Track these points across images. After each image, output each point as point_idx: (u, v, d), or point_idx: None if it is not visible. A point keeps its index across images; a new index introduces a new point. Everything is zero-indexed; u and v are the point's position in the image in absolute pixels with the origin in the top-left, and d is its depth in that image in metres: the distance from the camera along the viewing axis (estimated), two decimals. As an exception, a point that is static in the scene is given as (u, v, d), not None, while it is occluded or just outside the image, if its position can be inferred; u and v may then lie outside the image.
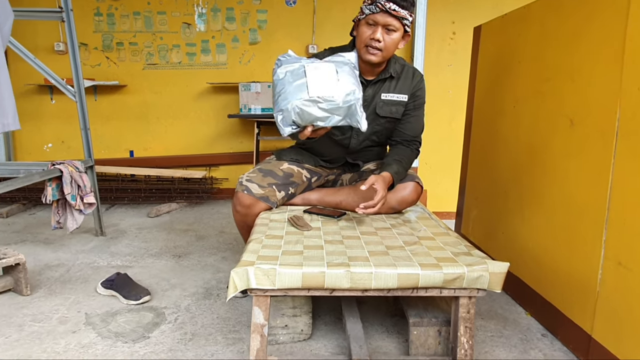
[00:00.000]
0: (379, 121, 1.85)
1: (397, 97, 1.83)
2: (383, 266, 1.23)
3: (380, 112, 1.83)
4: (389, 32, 1.66)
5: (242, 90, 3.52)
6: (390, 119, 1.86)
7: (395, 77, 1.83)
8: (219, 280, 2.17)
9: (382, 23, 1.64)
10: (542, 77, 1.74)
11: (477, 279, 1.23)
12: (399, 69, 1.84)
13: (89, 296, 1.98)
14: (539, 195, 1.74)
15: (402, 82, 1.84)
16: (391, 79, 1.83)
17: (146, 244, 2.72)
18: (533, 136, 1.79)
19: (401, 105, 1.85)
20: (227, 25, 3.78)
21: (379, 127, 1.87)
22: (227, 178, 3.96)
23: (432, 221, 1.71)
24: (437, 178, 3.79)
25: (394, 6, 1.60)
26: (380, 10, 1.61)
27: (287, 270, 1.22)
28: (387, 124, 1.87)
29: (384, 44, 1.67)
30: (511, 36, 2.01)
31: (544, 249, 1.70)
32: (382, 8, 1.61)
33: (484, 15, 3.54)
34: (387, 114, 1.84)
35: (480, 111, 2.35)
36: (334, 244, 1.42)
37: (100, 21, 3.75)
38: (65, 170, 2.31)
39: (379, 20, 1.64)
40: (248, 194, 1.74)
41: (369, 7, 1.64)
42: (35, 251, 2.56)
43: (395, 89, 1.84)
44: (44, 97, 3.85)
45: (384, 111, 1.83)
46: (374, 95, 1.82)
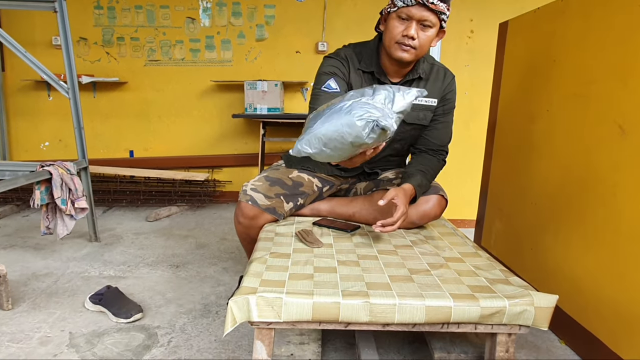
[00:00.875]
0: (404, 128, 1.64)
1: (425, 101, 1.63)
2: (408, 297, 1.05)
3: (407, 119, 1.61)
4: (425, 28, 1.44)
5: (247, 89, 3.34)
6: (416, 126, 1.66)
7: (424, 78, 1.63)
8: (219, 295, 1.99)
9: (417, 18, 1.41)
10: (584, 79, 1.54)
11: (520, 314, 1.04)
12: (427, 68, 1.64)
13: (76, 312, 1.80)
14: (579, 211, 1.54)
15: (432, 84, 1.64)
16: (419, 81, 1.63)
17: (142, 251, 2.55)
18: (572, 145, 1.59)
19: (430, 111, 1.66)
20: (233, 20, 3.60)
21: (403, 134, 1.66)
22: (230, 181, 3.77)
23: (457, 237, 1.52)
24: (453, 183, 3.57)
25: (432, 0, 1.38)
26: (417, 2, 1.39)
27: (295, 299, 1.04)
28: (413, 131, 1.68)
29: (418, 41, 1.45)
30: (545, 32, 1.81)
31: (584, 271, 1.50)
32: (418, 0, 1.38)
33: (504, 12, 3.34)
34: (414, 120, 1.64)
35: (506, 114, 2.15)
36: (349, 266, 1.23)
37: (101, 15, 3.58)
38: (55, 173, 2.14)
39: (414, 14, 1.41)
40: (253, 204, 1.56)
41: (400, 0, 1.41)
42: (24, 258, 2.39)
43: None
44: (41, 93, 3.68)
45: (410, 117, 1.62)
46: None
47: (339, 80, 1.56)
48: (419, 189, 1.53)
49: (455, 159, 3.60)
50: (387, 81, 1.60)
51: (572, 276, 1.57)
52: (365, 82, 1.60)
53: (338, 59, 1.61)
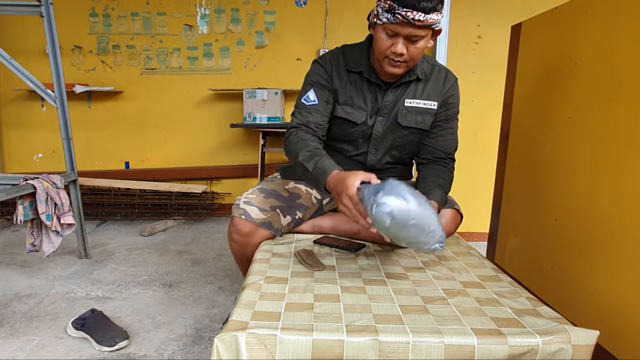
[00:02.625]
0: (401, 132, 1.52)
1: (424, 103, 1.50)
2: (424, 333, 0.90)
3: (403, 122, 1.50)
4: (415, 42, 1.31)
5: (246, 98, 3.21)
6: (414, 130, 1.52)
7: (422, 79, 1.49)
8: (213, 318, 1.84)
9: (404, 34, 1.28)
10: (611, 82, 1.40)
11: (555, 354, 0.89)
12: (427, 69, 1.51)
13: (57, 338, 1.66)
14: (609, 227, 1.39)
15: (432, 86, 1.51)
16: (417, 82, 1.49)
17: (134, 269, 2.41)
18: (602, 154, 1.44)
19: (429, 114, 1.52)
20: (231, 27, 3.49)
21: (400, 139, 1.53)
22: (229, 193, 3.64)
23: (473, 258, 1.38)
24: (460, 194, 3.43)
25: (418, 15, 1.22)
26: (401, 21, 1.25)
27: (292, 336, 0.89)
28: (411, 136, 1.54)
29: (407, 55, 1.33)
30: (564, 33, 1.68)
31: (619, 295, 1.35)
32: (402, 19, 1.24)
33: (513, 16, 3.22)
34: (411, 124, 1.51)
35: (521, 122, 2.01)
36: (355, 294, 1.08)
37: (96, 22, 3.48)
38: (40, 186, 2.01)
39: (399, 31, 1.28)
40: (246, 219, 1.42)
41: (386, 14, 1.26)
42: (9, 276, 2.26)
43: (422, 94, 1.50)
44: (35, 103, 3.57)
45: (407, 120, 1.50)
46: (396, 101, 1.49)
47: (320, 90, 1.49)
48: (442, 206, 1.40)
49: (463, 169, 3.45)
50: (377, 81, 1.47)
51: (601, 300, 1.41)
52: (352, 82, 1.49)
53: (322, 63, 1.51)
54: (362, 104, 1.49)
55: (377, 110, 1.50)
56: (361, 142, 1.54)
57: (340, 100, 1.50)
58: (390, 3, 1.24)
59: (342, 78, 1.49)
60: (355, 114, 1.50)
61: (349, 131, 1.52)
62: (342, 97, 1.50)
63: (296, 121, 1.49)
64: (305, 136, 1.43)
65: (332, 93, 1.50)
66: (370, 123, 1.50)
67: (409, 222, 1.03)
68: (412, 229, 1.04)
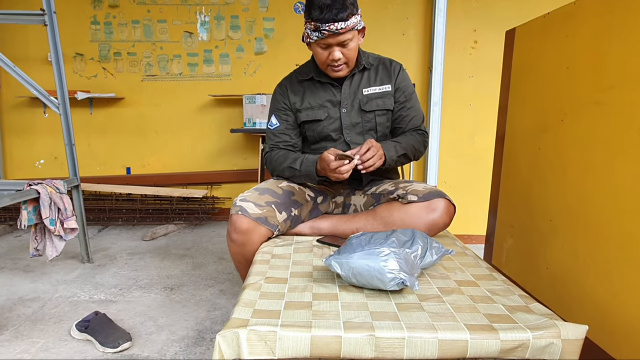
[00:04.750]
0: (368, 117, 1.68)
1: (379, 88, 1.68)
2: (419, 329, 0.93)
3: (367, 108, 1.67)
4: (346, 45, 1.51)
5: (246, 103, 3.26)
6: (379, 112, 1.69)
7: (370, 68, 1.69)
8: (214, 320, 1.87)
9: (335, 43, 1.50)
10: (601, 85, 1.44)
11: (545, 348, 0.92)
12: (373, 60, 1.71)
13: (61, 340, 1.69)
14: (601, 227, 1.42)
15: (382, 73, 1.70)
16: (367, 71, 1.68)
17: (136, 272, 2.44)
18: (590, 155, 1.48)
19: (387, 96, 1.69)
20: (231, 34, 3.53)
21: (369, 123, 1.69)
22: (229, 197, 3.68)
23: (468, 257, 1.41)
24: (459, 197, 3.46)
25: (339, 25, 1.44)
26: (328, 34, 1.46)
27: (291, 333, 0.92)
28: (378, 118, 1.69)
29: (344, 58, 1.54)
30: (556, 38, 1.72)
31: (609, 293, 1.38)
32: (328, 32, 1.45)
33: (509, 23, 3.27)
34: (375, 107, 1.68)
35: (516, 125, 2.05)
36: (352, 292, 1.11)
37: (97, 30, 3.53)
38: (43, 192, 2.04)
39: (330, 42, 1.50)
40: (243, 214, 1.46)
41: (314, 33, 1.48)
42: (12, 281, 2.29)
43: (375, 81, 1.69)
44: (37, 110, 3.62)
45: (370, 106, 1.67)
46: (354, 92, 1.67)
47: (279, 114, 1.71)
48: (390, 155, 1.55)
49: (461, 171, 3.51)
50: (328, 80, 1.65)
51: (595, 299, 1.45)
52: (307, 89, 1.68)
53: (278, 88, 1.74)
54: (320, 102, 1.67)
55: (338, 103, 1.66)
56: (335, 135, 1.68)
57: (301, 108, 1.68)
58: (314, 24, 1.45)
59: (297, 91, 1.69)
60: (316, 112, 1.67)
61: (318, 129, 1.68)
62: (301, 105, 1.68)
63: (269, 144, 1.73)
64: (281, 152, 1.68)
65: (291, 110, 1.70)
66: (335, 116, 1.66)
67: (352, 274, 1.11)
68: (362, 279, 1.11)
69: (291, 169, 1.60)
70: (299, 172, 1.57)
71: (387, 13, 3.45)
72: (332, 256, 1.16)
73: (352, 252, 1.13)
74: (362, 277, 1.10)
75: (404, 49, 3.50)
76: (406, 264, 1.10)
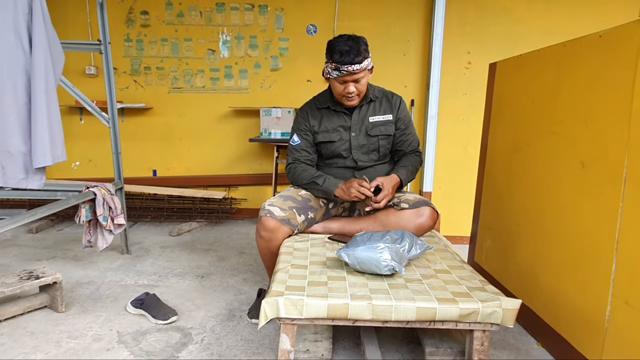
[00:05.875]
0: (372, 140, 2.06)
1: (383, 117, 2.06)
2: (403, 299, 1.33)
3: (372, 133, 2.05)
4: (359, 81, 1.90)
5: (263, 115, 3.66)
6: (382, 137, 2.07)
7: (375, 100, 2.07)
8: (241, 302, 2.27)
9: (350, 80, 1.88)
10: (555, 119, 1.83)
11: (491, 315, 1.32)
12: (378, 93, 2.09)
13: (120, 315, 2.09)
14: (553, 230, 1.82)
15: (385, 104, 2.08)
16: (372, 103, 2.06)
17: (170, 263, 2.84)
18: (546, 174, 1.87)
19: (389, 124, 2.07)
20: (249, 52, 3.94)
21: (373, 145, 2.07)
22: (245, 198, 4.08)
23: (447, 253, 1.80)
24: (451, 202, 3.87)
25: (355, 67, 1.82)
26: (346, 74, 1.84)
27: (313, 301, 1.32)
28: (381, 141, 2.07)
29: (357, 91, 1.92)
30: (526, 76, 2.11)
31: (557, 283, 1.77)
32: (346, 72, 1.83)
33: (499, 47, 3.67)
34: (378, 132, 2.06)
35: (495, 144, 2.44)
36: (356, 276, 1.51)
37: (130, 47, 3.94)
38: (99, 193, 2.45)
39: (347, 79, 1.88)
40: (271, 216, 1.85)
41: (334, 72, 1.85)
42: (66, 268, 2.69)
43: (379, 111, 2.07)
44: (74, 117, 4.03)
45: (374, 132, 2.05)
46: (362, 120, 2.05)
47: (301, 133, 2.09)
48: (404, 178, 1.99)
49: (453, 179, 3.90)
50: (341, 109, 2.04)
51: (547, 287, 1.84)
52: (324, 115, 2.07)
53: (300, 112, 2.12)
54: (334, 126, 2.05)
55: (348, 128, 2.04)
56: (345, 154, 2.06)
57: (318, 131, 2.06)
58: (335, 65, 1.83)
59: (316, 116, 2.08)
60: (331, 135, 2.05)
61: (332, 148, 2.06)
62: (319, 128, 2.06)
63: (291, 158, 2.11)
64: (302, 166, 2.06)
65: (310, 131, 2.07)
66: (346, 138, 2.05)
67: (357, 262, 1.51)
68: (363, 266, 1.50)
69: (314, 183, 1.98)
70: (320, 187, 1.96)
71: (390, 35, 3.85)
72: (341, 249, 1.55)
73: (357, 247, 1.52)
74: (364, 264, 1.49)
75: (405, 67, 3.89)
76: (397, 256, 1.50)
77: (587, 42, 1.63)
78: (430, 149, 3.82)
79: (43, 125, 1.59)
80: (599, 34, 1.57)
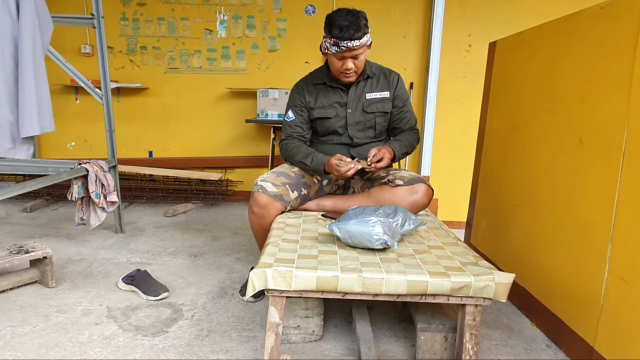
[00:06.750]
0: (368, 117, 2.02)
1: (380, 94, 2.02)
2: (393, 272, 1.30)
3: (368, 110, 2.01)
4: (357, 57, 1.85)
5: (260, 96, 3.61)
6: (378, 114, 2.02)
7: (372, 77, 2.01)
8: (234, 280, 2.25)
9: (349, 56, 1.83)
10: (552, 96, 1.79)
11: (484, 289, 1.29)
12: (376, 70, 2.04)
13: (110, 290, 2.07)
14: (548, 210, 1.79)
15: (382, 81, 2.03)
16: (370, 79, 2.01)
17: (163, 242, 2.82)
18: (543, 153, 1.84)
19: (386, 101, 2.02)
20: (247, 32, 3.88)
21: (370, 122, 2.03)
22: (242, 181, 4.05)
23: (442, 231, 1.77)
24: (449, 187, 3.84)
25: (354, 43, 1.77)
26: (345, 49, 1.78)
27: (302, 273, 1.29)
28: (377, 118, 2.03)
29: (355, 67, 1.87)
30: (525, 54, 2.06)
31: (551, 262, 1.75)
32: (345, 48, 1.77)
33: (499, 29, 3.61)
34: (375, 109, 2.01)
35: (493, 126, 2.40)
36: (348, 250, 1.48)
37: (126, 25, 3.88)
38: (91, 170, 2.42)
39: (345, 55, 1.82)
40: (263, 192, 1.82)
41: (333, 47, 1.80)
42: (59, 245, 2.67)
43: (377, 88, 2.02)
44: (70, 97, 3.98)
45: (371, 108, 2.01)
46: (359, 96, 2.00)
47: (296, 109, 2.04)
48: (397, 151, 1.91)
49: (451, 164, 3.87)
50: (338, 85, 1.98)
51: (541, 266, 1.82)
52: (320, 91, 2.01)
53: (296, 88, 2.07)
54: (330, 103, 2.00)
55: (345, 104, 1.99)
56: (341, 130, 2.02)
57: (314, 107, 2.01)
58: (334, 40, 1.77)
59: (312, 92, 2.02)
60: (326, 111, 2.00)
61: (328, 125, 2.01)
62: (314, 104, 2.01)
63: (285, 134, 2.06)
64: (295, 142, 2.01)
65: (306, 107, 2.02)
66: (342, 115, 2.00)
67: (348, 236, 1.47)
68: (355, 240, 1.47)
69: (302, 163, 1.93)
70: (309, 167, 1.92)
71: (389, 18, 3.79)
72: (333, 223, 1.53)
73: (349, 220, 1.49)
74: (356, 238, 1.47)
75: (404, 50, 3.83)
76: (389, 230, 1.47)
77: (588, 14, 1.59)
78: (428, 133, 3.78)
79: (31, 94, 1.55)
80: (600, 6, 1.53)
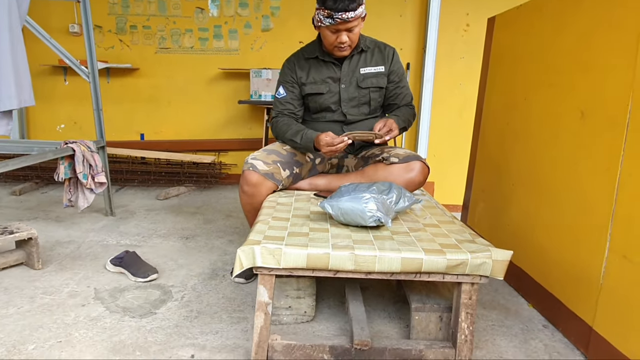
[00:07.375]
0: (363, 92, 1.95)
1: (374, 69, 1.95)
2: (387, 250, 1.25)
3: (363, 85, 1.94)
4: (352, 30, 1.77)
5: (253, 77, 3.53)
6: (373, 89, 1.96)
7: (367, 50, 1.94)
8: (225, 262, 2.20)
9: (343, 29, 1.75)
10: (554, 69, 1.73)
11: (480, 266, 1.24)
12: (370, 44, 1.96)
13: (98, 272, 2.02)
14: (547, 188, 1.74)
15: (377, 55, 1.96)
16: (364, 53, 1.94)
17: (155, 225, 2.76)
18: (543, 129, 1.78)
19: (381, 76, 1.95)
20: (240, 11, 3.78)
21: (364, 97, 1.96)
22: (235, 164, 3.98)
23: (437, 210, 1.72)
24: (445, 170, 3.79)
25: (349, 14, 1.69)
26: (339, 22, 1.71)
27: (292, 250, 1.24)
28: (372, 94, 1.96)
29: (349, 41, 1.80)
30: (525, 27, 1.99)
31: (549, 241, 1.70)
32: (340, 20, 1.70)
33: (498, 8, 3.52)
34: (369, 85, 1.95)
35: (491, 104, 2.34)
36: (340, 228, 1.43)
37: (115, 4, 3.77)
38: (78, 149, 2.35)
39: (339, 28, 1.75)
40: (253, 170, 1.76)
41: (326, 19, 1.72)
42: (47, 228, 2.61)
43: (371, 62, 1.95)
44: (58, 77, 3.89)
45: (365, 83, 1.94)
46: (353, 71, 1.92)
47: (287, 85, 1.97)
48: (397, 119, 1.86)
49: (448, 146, 3.81)
50: (331, 60, 1.91)
51: (539, 246, 1.77)
52: (313, 66, 1.94)
53: (287, 63, 2.00)
54: (322, 78, 1.92)
55: (338, 79, 1.92)
56: (334, 107, 1.94)
57: (306, 82, 1.94)
58: (328, 12, 1.69)
59: (303, 67, 1.94)
60: (319, 87, 1.93)
61: (320, 101, 1.94)
62: (306, 79, 1.94)
63: (276, 111, 2.00)
64: (286, 120, 1.94)
65: (297, 83, 1.95)
66: (335, 90, 1.93)
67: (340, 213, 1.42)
68: (347, 217, 1.42)
69: (292, 141, 1.87)
70: (299, 145, 1.85)
71: None
72: (325, 200, 1.47)
73: (341, 197, 1.44)
74: (348, 215, 1.42)
75: (401, 29, 3.75)
76: (383, 207, 1.42)
77: (592, -18, 1.52)
78: (425, 114, 3.71)
79: (7, 66, 1.48)
80: (605, -28, 1.46)
